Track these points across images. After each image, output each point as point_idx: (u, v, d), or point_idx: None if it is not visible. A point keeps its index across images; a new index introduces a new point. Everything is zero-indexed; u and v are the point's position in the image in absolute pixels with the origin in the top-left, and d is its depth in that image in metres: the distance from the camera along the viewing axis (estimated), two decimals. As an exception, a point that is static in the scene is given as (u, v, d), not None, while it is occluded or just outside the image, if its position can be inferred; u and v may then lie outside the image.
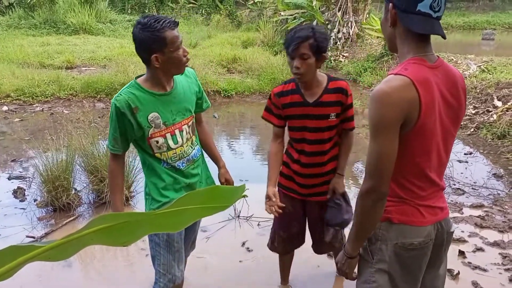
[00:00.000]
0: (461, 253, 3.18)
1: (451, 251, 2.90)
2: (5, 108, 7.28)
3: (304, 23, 12.26)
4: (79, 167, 4.16)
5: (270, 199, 2.30)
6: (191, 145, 2.18)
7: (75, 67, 9.55)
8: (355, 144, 5.84)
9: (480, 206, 3.99)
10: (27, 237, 3.46)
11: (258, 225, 3.66)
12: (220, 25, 16.45)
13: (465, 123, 6.32)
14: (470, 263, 3.09)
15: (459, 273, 2.94)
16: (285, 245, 2.62)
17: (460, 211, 3.89)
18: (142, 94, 2.00)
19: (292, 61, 2.16)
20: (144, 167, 2.18)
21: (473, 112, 6.54)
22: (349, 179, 4.86)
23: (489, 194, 4.26)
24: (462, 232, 3.51)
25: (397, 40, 1.48)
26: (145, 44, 1.89)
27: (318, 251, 2.72)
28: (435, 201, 1.56)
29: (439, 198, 1.59)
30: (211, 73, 8.83)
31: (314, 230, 2.59)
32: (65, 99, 7.73)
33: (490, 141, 5.67)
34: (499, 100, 6.41)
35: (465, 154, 5.36)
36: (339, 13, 11.34)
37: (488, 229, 3.57)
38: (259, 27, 13.24)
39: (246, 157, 5.53)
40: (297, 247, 2.68)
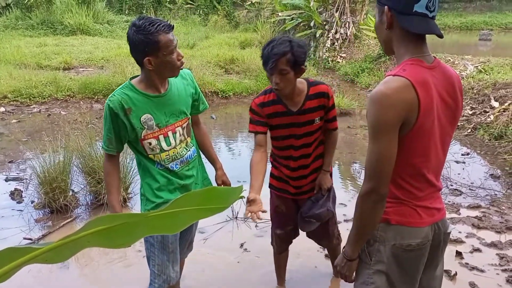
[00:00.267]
0: (459, 254, 3.19)
1: (448, 252, 2.91)
2: (2, 109, 7.26)
3: (301, 24, 12.29)
4: (76, 169, 4.15)
5: (251, 203, 2.07)
6: (186, 146, 2.18)
7: (73, 68, 9.53)
8: (353, 144, 5.91)
9: (477, 206, 4.00)
10: (25, 239, 3.45)
11: (255, 226, 3.66)
12: (217, 25, 16.47)
13: (462, 123, 6.33)
14: (467, 263, 3.10)
15: (456, 274, 2.94)
16: (281, 243, 2.68)
17: (457, 211, 3.90)
18: (135, 95, 2.00)
19: (271, 77, 2.14)
20: (139, 168, 2.19)
21: (470, 112, 6.55)
22: (347, 180, 4.87)
23: (486, 194, 4.27)
24: (459, 232, 3.52)
25: (394, 42, 1.48)
26: (138, 46, 1.89)
27: (316, 239, 2.74)
28: (432, 202, 1.57)
29: (436, 199, 1.60)
30: (209, 74, 8.83)
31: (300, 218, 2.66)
32: (62, 100, 7.72)
33: (487, 142, 5.69)
34: (496, 100, 6.42)
35: (462, 154, 5.38)
36: (336, 14, 11.35)
37: (485, 229, 3.57)
38: (257, 27, 13.26)
39: (243, 158, 5.53)
40: (292, 242, 2.73)
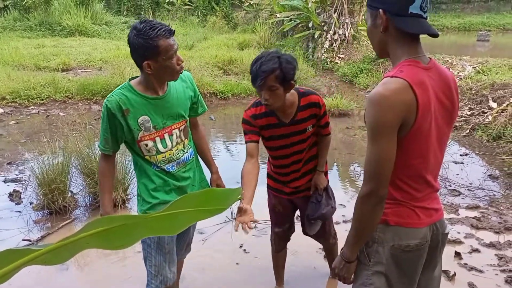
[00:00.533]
0: (457, 254, 3.19)
1: (447, 252, 2.91)
2: (1, 110, 7.25)
3: (299, 25, 12.31)
4: (75, 170, 4.15)
5: (242, 214, 1.97)
6: (183, 149, 2.18)
7: (71, 69, 9.53)
8: (351, 145, 5.92)
9: (476, 207, 4.01)
10: (23, 240, 3.45)
11: (255, 227, 3.66)
12: (216, 27, 16.48)
13: (460, 124, 6.34)
14: (466, 264, 3.10)
15: (455, 274, 2.94)
16: (280, 241, 2.74)
17: (456, 212, 3.90)
18: (134, 96, 2.00)
19: (260, 92, 2.13)
20: (135, 168, 2.19)
21: (469, 113, 6.56)
22: (346, 181, 4.87)
23: (485, 195, 4.28)
24: (458, 233, 3.52)
25: (389, 44, 1.49)
26: (138, 50, 1.89)
27: (314, 236, 2.74)
28: (430, 203, 1.57)
29: (434, 199, 1.60)
30: (207, 75, 8.83)
31: (301, 220, 2.72)
32: (61, 101, 7.72)
33: (485, 142, 5.69)
34: (494, 101, 6.44)
35: (461, 155, 5.38)
36: (335, 15, 11.36)
37: (484, 230, 3.58)
38: (255, 29, 13.28)
39: (242, 159, 5.48)
40: (289, 239, 2.78)
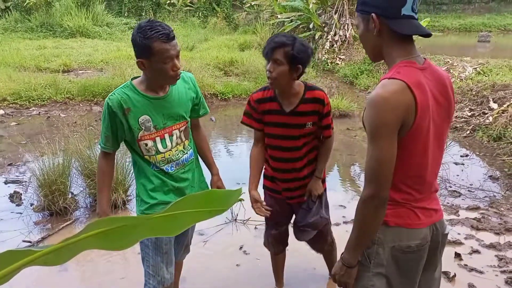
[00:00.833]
0: (458, 255, 3.19)
1: (447, 253, 2.91)
2: (2, 111, 7.25)
3: (300, 26, 12.31)
4: (75, 171, 4.15)
5: (255, 202, 2.37)
6: (183, 149, 2.18)
7: (72, 71, 9.54)
8: (352, 146, 5.91)
9: (476, 208, 4.00)
10: (24, 241, 3.45)
11: (255, 228, 3.66)
12: (217, 28, 16.50)
13: (461, 125, 6.34)
14: (466, 265, 3.10)
15: (455, 275, 2.94)
16: (277, 243, 2.68)
17: (456, 213, 3.90)
18: (135, 96, 2.01)
19: (267, 65, 2.21)
20: (134, 168, 2.19)
21: (469, 114, 6.56)
22: (346, 182, 4.87)
23: (485, 196, 4.27)
24: (458, 234, 3.52)
25: (384, 47, 1.50)
26: (135, 47, 1.93)
27: (310, 244, 2.72)
28: (430, 203, 1.57)
29: (433, 200, 1.60)
30: (208, 76, 8.83)
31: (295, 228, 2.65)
32: (61, 102, 7.72)
33: (486, 143, 5.69)
34: (494, 102, 6.43)
35: (461, 156, 5.38)
36: (335, 16, 11.37)
37: (484, 231, 3.58)
38: (256, 30, 13.29)
39: (243, 160, 5.52)
40: (287, 243, 2.73)
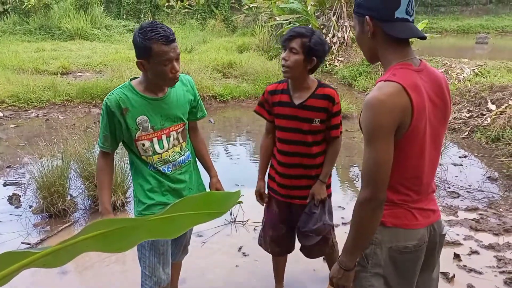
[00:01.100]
0: (456, 256, 3.19)
1: (446, 254, 2.92)
2: (0, 114, 7.25)
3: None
4: (74, 173, 4.15)
5: (258, 191, 2.57)
6: (180, 151, 2.19)
7: (71, 73, 9.54)
8: (351, 147, 5.92)
9: (475, 209, 4.01)
10: (23, 243, 3.45)
11: (254, 229, 3.66)
12: (215, 30, 16.53)
13: (459, 126, 6.35)
14: (465, 266, 3.10)
15: (454, 276, 2.95)
16: (274, 245, 2.62)
17: (455, 214, 3.90)
18: (134, 96, 2.02)
19: (283, 53, 2.26)
20: (131, 168, 2.20)
21: (468, 115, 6.57)
22: (345, 183, 4.87)
23: (484, 197, 4.28)
24: (457, 235, 3.52)
25: (379, 49, 1.51)
26: (135, 47, 1.94)
27: (307, 254, 2.69)
28: (427, 204, 1.58)
29: (431, 200, 1.61)
30: (207, 78, 8.84)
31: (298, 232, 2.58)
32: (60, 105, 7.71)
33: (484, 144, 5.70)
34: (493, 103, 6.45)
35: (460, 157, 5.39)
36: (333, 18, 11.39)
37: (483, 232, 3.58)
38: (255, 32, 13.30)
39: (242, 162, 5.54)
40: (287, 252, 2.69)
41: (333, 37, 11.35)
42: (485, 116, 6.27)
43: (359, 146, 5.96)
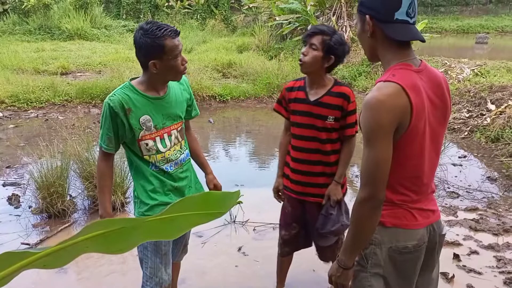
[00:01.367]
0: (456, 256, 3.19)
1: (445, 254, 2.91)
2: (0, 114, 7.25)
3: (298, 28, 12.33)
4: (74, 173, 4.15)
5: (276, 188, 2.59)
6: (180, 149, 2.20)
7: (70, 73, 9.54)
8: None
9: (474, 209, 4.01)
10: (22, 244, 3.44)
11: (254, 230, 3.66)
12: (215, 30, 16.53)
13: (459, 126, 6.35)
14: (464, 266, 3.10)
15: (454, 276, 2.95)
16: (285, 245, 2.64)
17: (454, 214, 3.90)
18: (136, 96, 2.02)
19: (303, 48, 2.31)
20: (131, 169, 2.19)
21: (467, 115, 6.58)
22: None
23: (484, 197, 4.28)
24: (456, 235, 3.52)
25: (379, 49, 1.51)
26: (144, 49, 1.92)
27: (321, 257, 2.71)
28: (427, 204, 1.58)
29: (430, 200, 1.61)
30: (206, 78, 8.84)
31: (312, 232, 2.58)
32: (60, 105, 7.71)
33: (484, 144, 5.70)
34: (492, 103, 6.45)
35: (459, 157, 5.39)
36: (333, 18, 11.39)
37: (482, 232, 3.58)
38: (254, 32, 13.30)
39: (241, 162, 5.53)
40: (299, 249, 2.70)
41: (333, 37, 11.34)
42: (484, 116, 6.27)
43: (358, 145, 5.95)
